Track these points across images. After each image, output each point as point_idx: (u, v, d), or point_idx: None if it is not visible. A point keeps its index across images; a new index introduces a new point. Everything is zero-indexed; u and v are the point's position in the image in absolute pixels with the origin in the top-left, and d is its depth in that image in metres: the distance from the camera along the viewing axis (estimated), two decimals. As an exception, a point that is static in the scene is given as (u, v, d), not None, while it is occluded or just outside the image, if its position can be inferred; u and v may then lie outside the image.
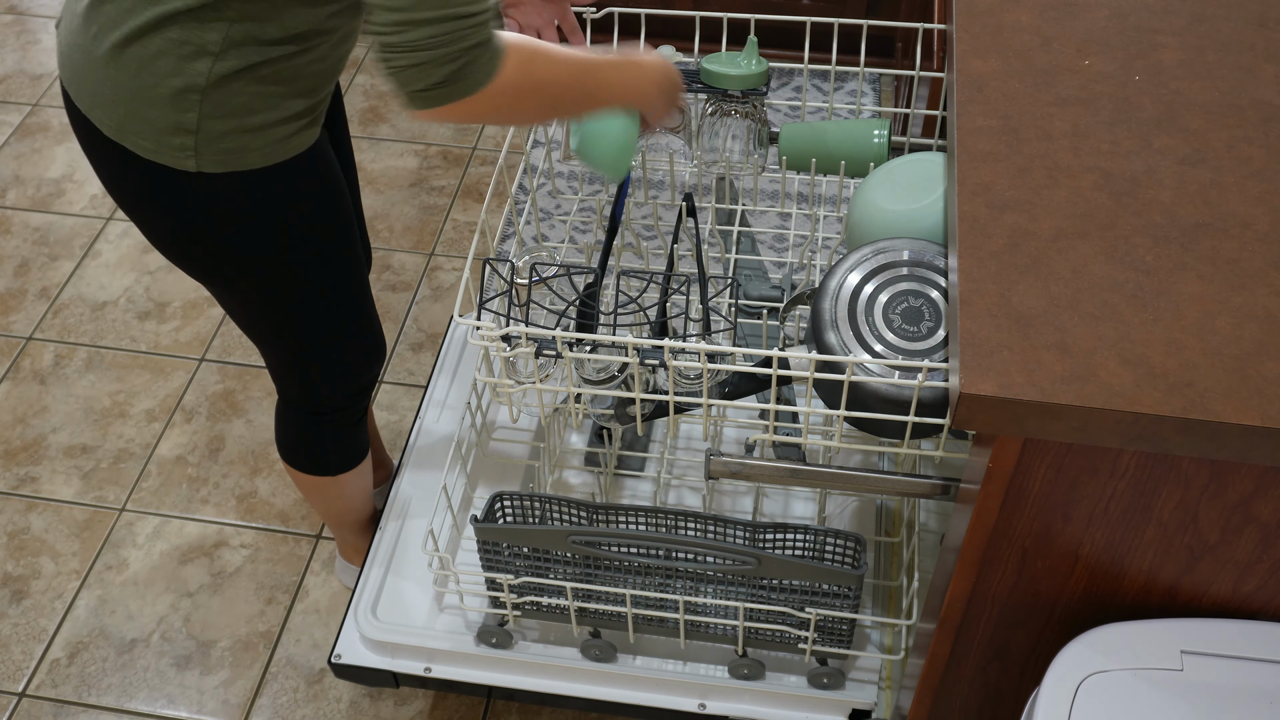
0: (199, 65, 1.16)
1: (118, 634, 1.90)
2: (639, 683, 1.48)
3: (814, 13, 2.80)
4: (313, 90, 1.25)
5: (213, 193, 1.24)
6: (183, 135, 1.20)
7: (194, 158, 1.21)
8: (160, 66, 1.17)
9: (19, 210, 2.64)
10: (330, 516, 1.77)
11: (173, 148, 1.21)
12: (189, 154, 1.21)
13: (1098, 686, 1.02)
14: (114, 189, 1.31)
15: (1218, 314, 1.00)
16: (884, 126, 1.49)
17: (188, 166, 1.22)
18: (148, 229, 1.34)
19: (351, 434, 1.62)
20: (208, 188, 1.24)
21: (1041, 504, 1.04)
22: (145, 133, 1.20)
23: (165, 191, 1.25)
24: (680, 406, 1.28)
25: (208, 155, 1.21)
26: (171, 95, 1.18)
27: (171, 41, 1.15)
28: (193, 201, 1.25)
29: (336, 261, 1.40)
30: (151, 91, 1.18)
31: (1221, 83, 1.23)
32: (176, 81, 1.17)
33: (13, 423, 2.21)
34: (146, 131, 1.20)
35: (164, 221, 1.30)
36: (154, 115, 1.19)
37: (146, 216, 1.31)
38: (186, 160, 1.21)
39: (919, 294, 1.18)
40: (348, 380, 1.54)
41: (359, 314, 1.48)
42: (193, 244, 1.31)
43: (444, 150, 2.77)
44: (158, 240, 1.34)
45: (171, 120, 1.19)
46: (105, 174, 1.30)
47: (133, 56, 1.17)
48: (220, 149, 1.21)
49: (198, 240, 1.30)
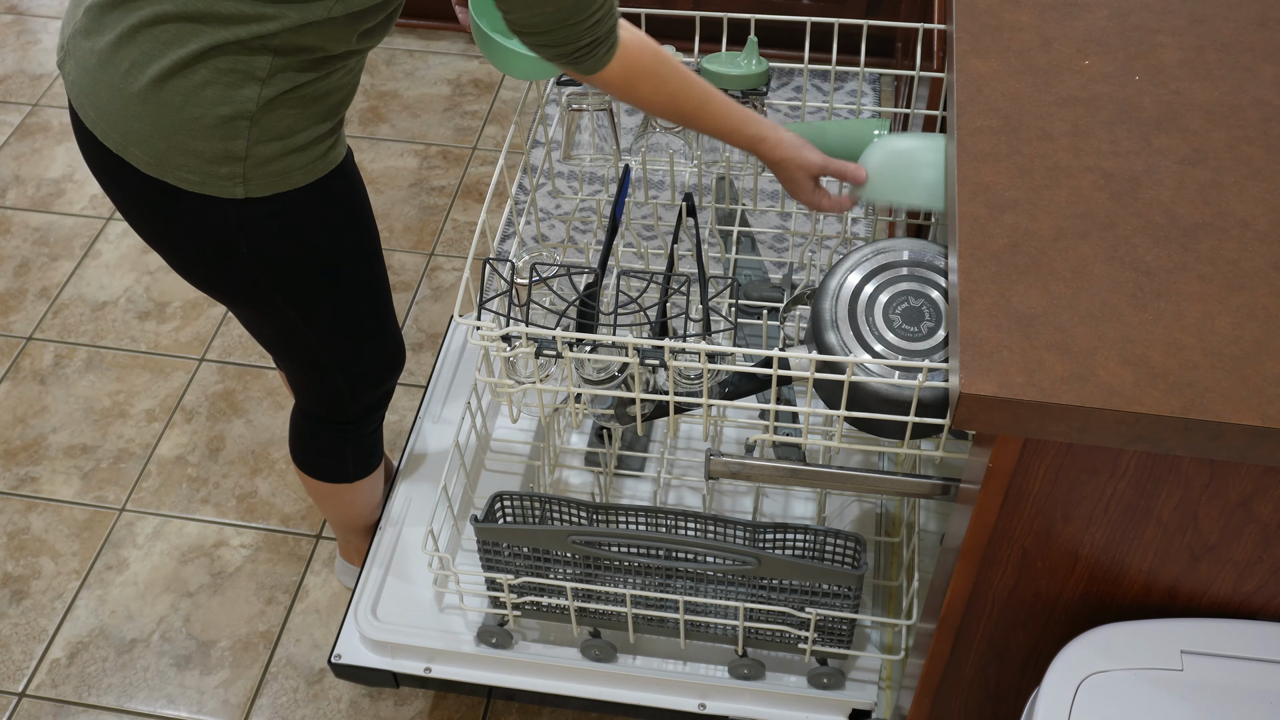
0: (247, 92, 1.15)
1: (118, 634, 1.90)
2: (639, 683, 1.48)
3: (814, 13, 2.80)
4: (342, 104, 1.26)
5: (259, 217, 1.24)
6: (231, 164, 1.19)
7: (242, 184, 1.20)
8: (207, 96, 1.15)
9: (19, 210, 2.64)
10: (339, 521, 1.77)
11: (220, 177, 1.19)
12: (237, 181, 1.20)
13: (1098, 686, 1.02)
14: (147, 225, 1.29)
15: (1218, 314, 1.00)
16: (884, 126, 1.49)
17: (235, 194, 1.21)
18: (183, 260, 1.32)
19: (370, 441, 1.62)
20: (254, 212, 1.23)
21: (1041, 504, 1.04)
22: (190, 165, 1.19)
23: (208, 222, 1.24)
24: (680, 406, 1.28)
25: (256, 180, 1.21)
26: (219, 124, 1.16)
27: (219, 71, 1.14)
28: (237, 228, 1.24)
29: (370, 269, 1.40)
30: (198, 122, 1.16)
31: (1221, 83, 1.23)
32: (225, 110, 1.16)
33: (13, 423, 2.21)
34: (191, 164, 1.19)
35: (204, 252, 1.28)
36: (200, 146, 1.18)
37: (184, 249, 1.30)
38: (235, 188, 1.20)
39: (919, 294, 1.18)
40: (372, 389, 1.54)
41: (387, 322, 1.48)
42: (235, 270, 1.30)
43: (444, 150, 2.77)
44: (192, 270, 1.33)
45: (220, 149, 1.18)
46: (137, 211, 1.28)
47: (176, 89, 1.15)
48: (267, 172, 1.21)
49: (241, 266, 1.29)
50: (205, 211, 1.23)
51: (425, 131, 2.82)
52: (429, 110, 2.88)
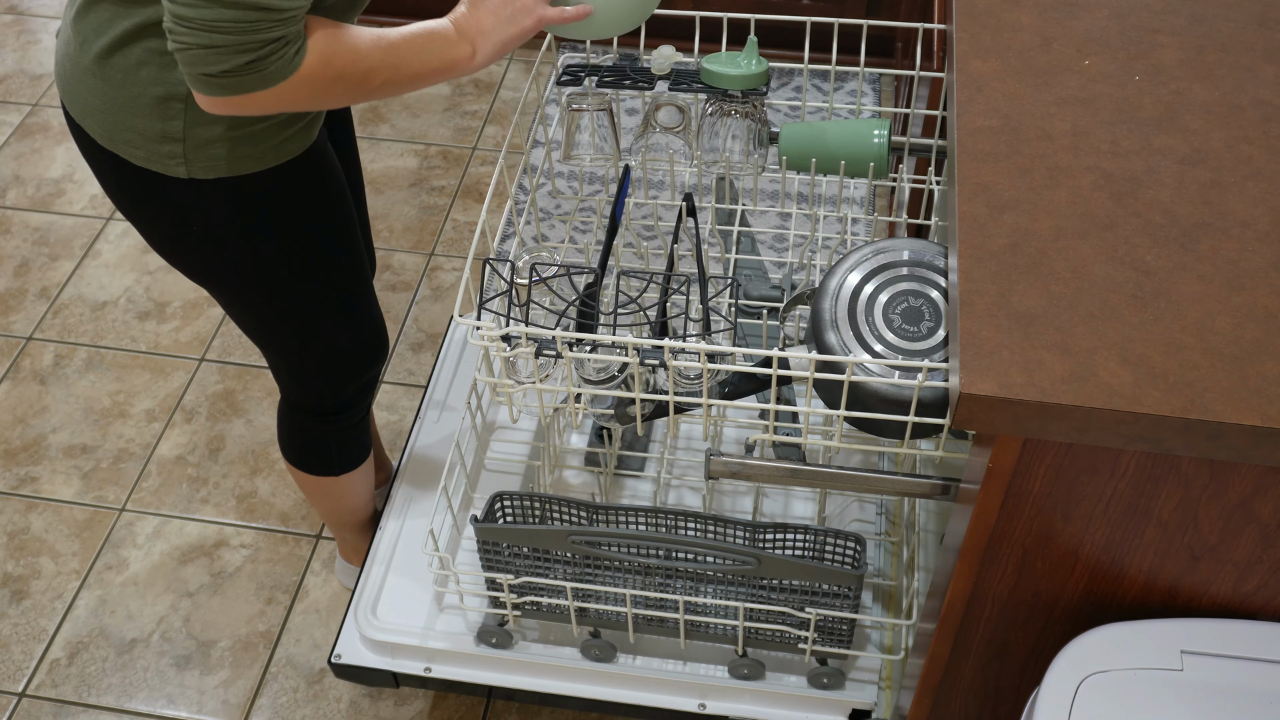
0: (179, 73, 1.14)
1: (118, 634, 1.90)
2: (639, 683, 1.48)
3: (814, 13, 2.80)
4: None
5: (206, 198, 1.24)
6: (171, 143, 1.19)
7: (184, 164, 1.21)
8: (142, 75, 1.16)
9: (19, 210, 2.64)
10: (331, 517, 1.77)
11: (162, 155, 1.20)
12: (179, 161, 1.20)
13: (1098, 686, 1.02)
14: (113, 195, 1.31)
15: (1218, 314, 1.00)
16: (884, 126, 1.49)
17: (179, 173, 1.21)
18: (147, 234, 1.33)
19: (355, 433, 1.62)
20: (201, 193, 1.24)
21: (1041, 504, 1.04)
22: (135, 141, 1.20)
23: (160, 198, 1.25)
24: (680, 406, 1.28)
25: (197, 162, 1.21)
26: (155, 103, 1.17)
27: (151, 51, 1.15)
28: (188, 208, 1.25)
29: (337, 263, 1.39)
30: (136, 101, 1.17)
31: (1221, 83, 1.23)
32: (158, 90, 1.16)
33: (13, 423, 2.21)
34: (136, 140, 1.20)
35: (162, 227, 1.30)
36: (141, 124, 1.19)
37: (144, 222, 1.31)
38: (177, 167, 1.21)
39: (919, 294, 1.18)
40: (350, 379, 1.53)
41: (360, 314, 1.48)
42: (191, 249, 1.31)
43: (444, 150, 2.77)
44: (158, 245, 1.34)
45: (158, 128, 1.18)
46: (103, 180, 1.30)
47: (116, 66, 1.16)
48: (209, 155, 1.21)
49: (196, 246, 1.30)
50: (155, 187, 1.24)
51: (425, 131, 2.82)
52: (429, 110, 2.88)
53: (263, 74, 1.04)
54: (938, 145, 1.55)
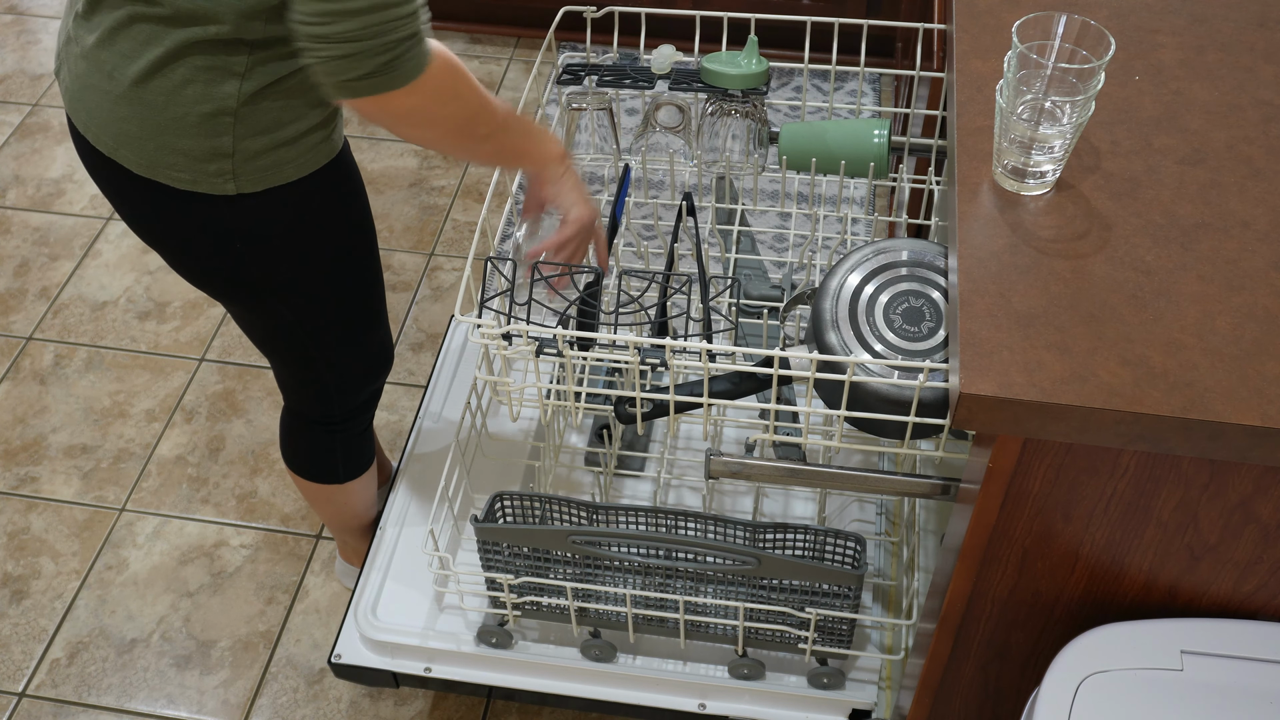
0: (227, 88, 1.15)
1: (118, 634, 1.90)
2: (639, 683, 1.48)
3: (814, 13, 2.80)
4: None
5: (252, 212, 1.24)
6: (220, 160, 1.18)
7: (232, 180, 1.20)
8: (188, 94, 1.15)
9: (19, 210, 2.64)
10: (334, 521, 1.77)
11: (209, 174, 1.19)
12: (227, 178, 1.20)
13: (1098, 686, 1.02)
14: (145, 225, 1.29)
15: (1218, 314, 1.00)
16: (884, 126, 1.49)
17: (227, 190, 1.20)
18: (180, 259, 1.31)
19: (360, 442, 1.62)
20: (247, 208, 1.23)
21: (1041, 504, 1.04)
22: (179, 164, 1.19)
23: (202, 220, 1.24)
24: (681, 406, 1.28)
25: (246, 176, 1.20)
26: (203, 121, 1.16)
27: (197, 68, 1.14)
28: (232, 225, 1.24)
29: (367, 264, 1.40)
30: (181, 121, 1.16)
31: (1221, 83, 1.23)
32: (206, 107, 1.15)
33: (13, 423, 2.21)
34: (181, 163, 1.18)
35: (201, 250, 1.28)
36: (187, 144, 1.17)
37: (180, 249, 1.29)
38: (225, 185, 1.20)
39: (920, 294, 1.18)
40: (360, 388, 1.54)
41: (379, 320, 1.48)
42: (230, 268, 1.29)
43: (444, 150, 2.77)
44: (191, 267, 1.32)
45: (207, 146, 1.17)
46: (133, 211, 1.27)
47: (157, 89, 1.15)
48: (256, 167, 1.20)
49: (236, 263, 1.29)
50: (199, 210, 1.23)
51: (425, 131, 2.82)
52: (429, 110, 2.88)
53: (397, 73, 1.09)
54: (938, 145, 1.55)
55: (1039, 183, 1.10)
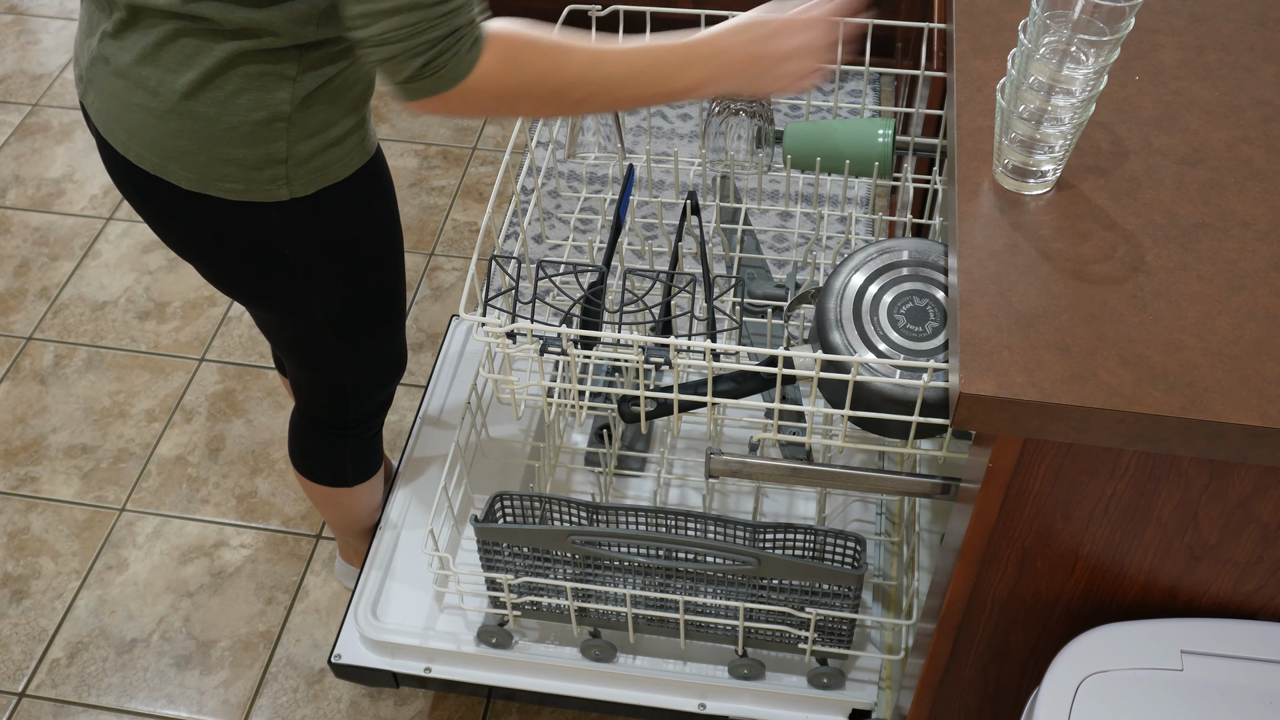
0: (281, 94, 1.14)
1: (118, 634, 1.90)
2: (639, 683, 1.48)
3: (814, 13, 2.79)
4: (367, 92, 1.25)
5: (304, 216, 1.24)
6: (274, 166, 1.18)
7: (286, 186, 1.20)
8: (241, 102, 1.14)
9: (19, 210, 2.64)
10: (338, 523, 1.77)
11: (263, 181, 1.19)
12: (281, 183, 1.20)
13: (1098, 686, 1.02)
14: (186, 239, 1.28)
15: (1218, 314, 1.00)
16: (889, 126, 1.49)
17: (280, 196, 1.20)
18: (221, 269, 1.31)
19: (370, 445, 1.62)
20: (298, 212, 1.23)
21: (1041, 504, 1.04)
22: (233, 174, 1.18)
23: (253, 229, 1.23)
24: (684, 404, 1.28)
25: (299, 179, 1.20)
26: (257, 128, 1.15)
27: (249, 76, 1.13)
28: (284, 231, 1.24)
29: (394, 263, 1.40)
30: (236, 130, 1.15)
31: (1221, 83, 1.23)
32: (260, 114, 1.15)
33: (13, 423, 2.21)
34: (234, 173, 1.18)
35: (248, 259, 1.28)
36: (241, 154, 1.17)
37: (226, 259, 1.29)
38: (279, 190, 1.20)
39: (923, 294, 1.18)
40: (377, 392, 1.54)
41: (400, 320, 1.48)
42: (276, 274, 1.29)
43: (444, 150, 2.77)
44: (231, 278, 1.32)
45: (261, 153, 1.17)
46: (176, 226, 1.26)
47: (208, 101, 1.14)
48: (309, 169, 1.20)
49: (282, 269, 1.28)
50: (250, 219, 1.22)
51: (425, 131, 2.82)
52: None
53: (442, 74, 1.04)
54: (941, 145, 1.55)
55: (1039, 182, 1.11)
